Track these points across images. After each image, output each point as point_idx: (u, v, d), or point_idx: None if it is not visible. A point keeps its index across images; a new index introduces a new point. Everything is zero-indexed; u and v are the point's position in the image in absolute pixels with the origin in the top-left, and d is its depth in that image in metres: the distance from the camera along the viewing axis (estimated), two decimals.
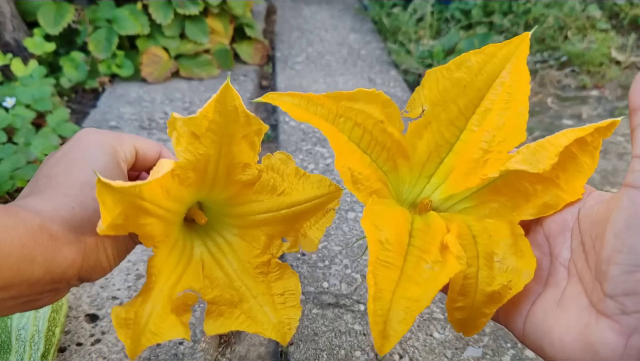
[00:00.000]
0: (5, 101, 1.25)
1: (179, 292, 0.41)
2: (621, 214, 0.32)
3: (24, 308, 0.38)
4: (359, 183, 0.38)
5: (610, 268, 0.31)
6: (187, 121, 0.39)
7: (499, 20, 1.97)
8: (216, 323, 0.43)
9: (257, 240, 0.47)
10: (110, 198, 0.36)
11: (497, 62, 0.40)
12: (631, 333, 0.31)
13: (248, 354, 0.79)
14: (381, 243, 0.34)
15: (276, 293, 0.45)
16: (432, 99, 0.40)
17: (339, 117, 0.39)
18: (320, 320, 0.82)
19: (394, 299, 0.33)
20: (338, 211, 1.09)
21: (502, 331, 0.81)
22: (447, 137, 0.41)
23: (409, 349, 0.78)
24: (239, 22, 1.80)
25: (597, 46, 1.77)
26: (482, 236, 0.39)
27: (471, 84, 0.40)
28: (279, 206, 0.46)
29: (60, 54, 1.57)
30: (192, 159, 0.40)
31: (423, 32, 2.06)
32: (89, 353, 0.75)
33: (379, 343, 0.32)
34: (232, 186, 0.45)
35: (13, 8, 1.51)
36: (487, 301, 0.37)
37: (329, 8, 2.56)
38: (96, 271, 0.40)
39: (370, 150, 0.40)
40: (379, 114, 0.39)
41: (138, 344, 0.38)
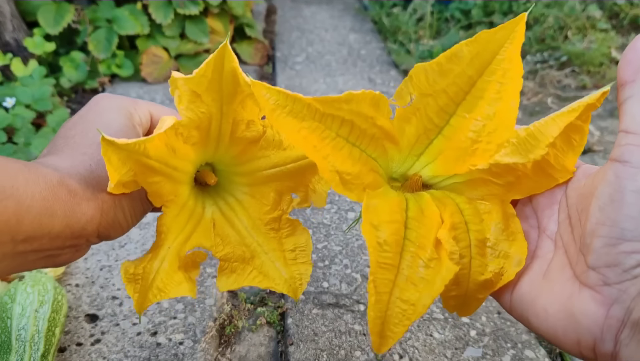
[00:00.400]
0: (5, 101, 1.25)
1: (188, 250, 0.41)
2: (606, 188, 0.32)
3: (46, 263, 0.39)
4: (348, 183, 0.38)
5: (593, 240, 0.32)
6: (187, 80, 0.40)
7: (499, 20, 1.97)
8: (229, 280, 0.43)
9: (266, 197, 0.47)
10: (115, 156, 0.36)
11: (490, 48, 0.38)
12: (612, 303, 0.31)
13: (248, 354, 0.79)
14: (380, 245, 0.34)
15: (287, 249, 0.45)
16: (421, 90, 0.39)
17: (326, 116, 0.37)
18: (320, 320, 0.82)
19: (391, 301, 0.33)
20: (338, 211, 1.09)
21: (502, 331, 0.81)
22: (437, 122, 0.40)
23: (409, 349, 0.78)
24: (239, 22, 1.80)
25: (597, 46, 1.77)
26: (474, 220, 0.38)
27: (462, 72, 0.38)
28: (285, 161, 0.46)
29: (60, 54, 1.57)
30: (194, 117, 0.41)
31: (423, 32, 2.06)
32: (89, 353, 0.75)
33: (377, 342, 0.33)
34: (237, 143, 0.45)
35: (13, 8, 1.51)
36: (480, 288, 0.38)
37: (329, 8, 2.56)
38: (114, 229, 0.41)
39: (360, 142, 0.39)
40: (368, 110, 0.38)
41: (145, 299, 0.39)
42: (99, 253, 0.95)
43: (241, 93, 0.42)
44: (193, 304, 0.84)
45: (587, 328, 0.32)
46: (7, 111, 1.24)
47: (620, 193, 0.31)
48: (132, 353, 0.75)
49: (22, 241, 0.35)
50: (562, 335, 0.34)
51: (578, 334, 0.33)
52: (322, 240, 1.00)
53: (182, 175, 0.43)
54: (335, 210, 1.09)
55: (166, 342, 0.77)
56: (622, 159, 0.32)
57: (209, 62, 0.40)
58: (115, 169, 0.37)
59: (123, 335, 0.78)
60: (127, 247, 0.97)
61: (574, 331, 0.33)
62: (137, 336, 0.78)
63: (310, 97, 0.36)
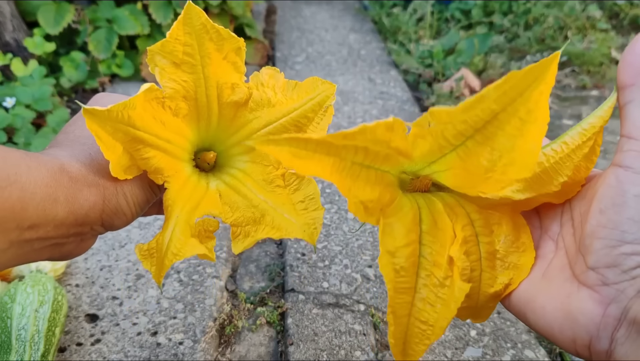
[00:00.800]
0: (5, 101, 1.25)
1: (197, 217, 0.42)
2: (607, 191, 0.33)
3: (51, 253, 0.39)
4: (370, 210, 0.38)
5: (594, 241, 0.33)
6: (162, 48, 0.41)
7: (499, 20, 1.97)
8: (244, 242, 0.43)
9: (267, 158, 0.47)
10: (102, 130, 0.37)
11: (517, 89, 0.36)
12: (609, 302, 0.32)
13: (248, 354, 0.79)
14: (397, 272, 0.35)
15: (297, 201, 0.45)
16: (440, 121, 0.38)
17: (340, 147, 0.36)
18: (320, 320, 0.82)
19: (410, 322, 0.34)
20: (338, 211, 1.09)
21: (502, 331, 0.81)
22: (452, 141, 0.40)
23: None
24: (239, 22, 1.80)
25: (597, 46, 1.77)
26: (485, 232, 0.39)
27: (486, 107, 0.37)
28: (277, 116, 0.46)
29: (60, 54, 1.57)
30: (177, 87, 0.42)
31: (423, 32, 2.06)
32: (89, 353, 0.75)
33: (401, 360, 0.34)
34: (227, 109, 0.46)
35: (13, 8, 1.51)
36: (489, 299, 0.38)
37: (329, 8, 2.56)
38: (118, 216, 0.42)
39: (374, 162, 0.39)
40: (383, 135, 0.38)
41: (162, 267, 0.39)
42: (99, 253, 0.95)
43: (218, 51, 0.43)
44: (193, 304, 0.84)
45: (583, 326, 0.33)
46: (7, 111, 1.24)
47: (622, 197, 0.32)
48: (132, 353, 0.75)
49: (28, 228, 0.35)
50: (558, 332, 0.34)
51: (574, 332, 0.33)
52: (322, 240, 1.00)
53: (179, 150, 0.44)
54: (336, 210, 1.09)
55: (166, 342, 0.77)
56: (625, 164, 0.33)
57: (178, 22, 0.41)
58: (107, 147, 0.38)
59: (123, 335, 0.78)
60: (127, 247, 0.97)
61: (570, 329, 0.33)
62: (137, 336, 0.78)
63: (322, 136, 0.35)
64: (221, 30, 0.43)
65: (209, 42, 0.43)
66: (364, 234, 1.02)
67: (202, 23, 0.42)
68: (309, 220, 0.44)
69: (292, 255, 0.96)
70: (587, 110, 1.57)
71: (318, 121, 0.47)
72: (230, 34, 0.44)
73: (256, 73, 0.47)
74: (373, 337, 0.79)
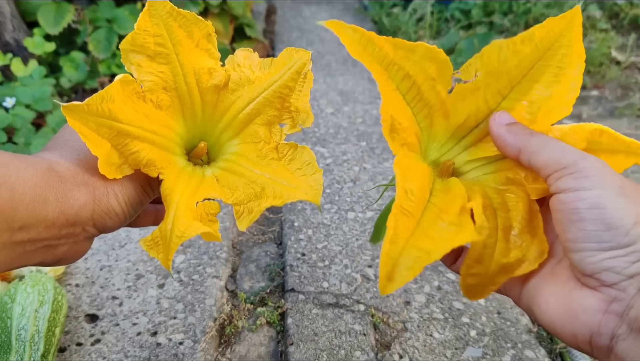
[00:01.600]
0: (5, 101, 1.25)
1: (197, 200, 0.42)
2: (560, 215, 0.35)
3: (44, 255, 0.39)
4: (395, 132, 0.40)
5: (573, 256, 0.35)
6: (132, 41, 0.41)
7: (499, 20, 1.97)
8: (248, 218, 0.43)
9: (256, 135, 0.47)
10: (84, 126, 0.38)
11: (552, 35, 0.40)
12: (612, 301, 0.33)
13: (248, 354, 0.79)
14: (405, 192, 0.36)
15: (295, 169, 0.46)
16: (489, 68, 0.41)
17: (393, 64, 0.40)
18: (320, 320, 0.82)
19: (407, 247, 0.34)
20: (338, 211, 1.09)
21: (502, 331, 0.81)
22: (490, 104, 0.43)
23: (409, 349, 0.78)
24: (239, 22, 1.80)
25: (597, 46, 1.77)
26: (502, 209, 0.40)
27: (529, 54, 0.41)
28: (259, 91, 0.47)
29: (60, 54, 1.57)
30: (156, 79, 0.43)
31: (423, 32, 2.06)
32: (89, 353, 0.75)
33: (384, 283, 0.33)
34: (209, 94, 0.46)
35: (13, 8, 1.51)
36: (500, 271, 0.39)
37: (329, 8, 2.56)
38: (110, 217, 0.41)
39: (414, 103, 0.41)
40: (433, 70, 0.41)
41: (168, 251, 0.39)
42: (99, 253, 0.95)
43: (189, 37, 0.44)
44: (193, 304, 0.84)
45: (584, 322, 0.34)
46: (7, 111, 1.24)
47: (578, 214, 0.34)
48: (132, 353, 0.75)
49: (19, 229, 0.35)
50: (560, 326, 0.35)
51: (574, 327, 0.34)
52: (322, 240, 1.00)
53: (169, 143, 0.44)
54: (335, 210, 1.09)
55: (166, 342, 0.77)
56: (561, 188, 0.35)
57: (143, 14, 0.42)
58: (92, 143, 0.38)
59: (123, 335, 0.78)
60: (127, 247, 0.97)
61: (571, 325, 0.34)
62: (137, 336, 0.78)
63: (383, 38, 0.39)
64: (187, 14, 0.44)
65: (178, 30, 0.43)
66: (363, 234, 1.02)
67: (167, 11, 0.43)
68: (310, 182, 0.44)
69: (292, 255, 0.96)
70: (587, 110, 1.57)
71: (299, 88, 0.47)
72: (196, 18, 0.44)
73: (231, 56, 0.48)
74: (373, 337, 0.79)
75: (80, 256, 0.43)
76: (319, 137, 1.38)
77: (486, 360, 0.76)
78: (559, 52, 0.40)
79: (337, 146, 1.34)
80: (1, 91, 1.28)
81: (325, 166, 1.25)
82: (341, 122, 1.47)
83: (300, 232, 1.02)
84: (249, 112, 0.47)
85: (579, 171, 0.35)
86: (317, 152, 1.31)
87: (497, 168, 0.43)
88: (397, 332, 0.81)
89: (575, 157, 0.36)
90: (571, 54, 0.40)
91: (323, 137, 1.38)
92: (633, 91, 1.65)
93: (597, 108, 1.58)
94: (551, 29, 0.40)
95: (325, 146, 1.34)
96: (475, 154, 0.44)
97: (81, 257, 0.43)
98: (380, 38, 0.39)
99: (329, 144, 1.35)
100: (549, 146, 0.37)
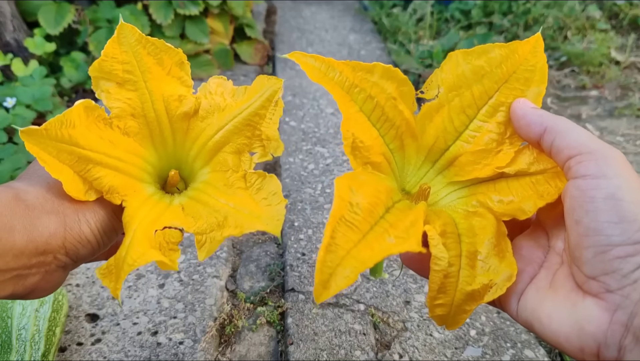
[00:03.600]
0: (5, 101, 1.25)
1: (157, 229, 0.41)
2: (573, 202, 0.34)
3: (15, 286, 0.38)
4: (357, 150, 0.40)
5: (582, 252, 0.33)
6: (99, 67, 0.42)
7: (498, 21, 1.97)
8: (208, 248, 0.42)
9: (225, 163, 0.47)
10: (42, 151, 0.38)
11: (517, 59, 0.41)
12: (615, 309, 0.32)
13: (248, 354, 0.79)
14: (351, 205, 0.35)
15: (260, 199, 0.45)
16: (449, 83, 0.42)
17: (354, 87, 0.40)
18: (320, 320, 0.82)
19: (347, 257, 0.34)
20: None
21: (502, 331, 0.81)
22: (456, 125, 0.43)
23: (408, 349, 0.78)
24: (239, 23, 1.81)
25: (597, 46, 1.77)
26: (468, 234, 0.39)
27: (490, 74, 0.41)
28: (228, 119, 0.47)
29: (60, 54, 1.57)
30: (123, 106, 0.43)
31: (423, 33, 2.06)
32: (90, 353, 0.75)
33: (319, 291, 0.33)
34: (179, 122, 0.46)
35: (14, 8, 1.51)
36: (467, 299, 0.38)
37: (329, 8, 2.56)
38: (82, 245, 0.40)
39: (380, 125, 0.41)
40: (393, 90, 0.41)
41: (118, 279, 0.38)
42: None
43: (159, 64, 0.44)
44: (193, 304, 0.85)
45: (591, 335, 0.32)
46: (7, 111, 1.24)
47: (592, 203, 0.33)
48: (133, 353, 0.75)
49: None
50: (565, 341, 0.34)
51: (581, 340, 0.33)
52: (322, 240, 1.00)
53: (136, 170, 0.44)
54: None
55: (166, 342, 0.77)
56: (580, 174, 0.34)
57: (111, 41, 0.42)
58: (52, 169, 0.38)
59: (123, 335, 0.78)
60: None
61: (577, 338, 0.33)
62: (138, 336, 0.78)
63: (342, 62, 0.40)
64: (157, 42, 0.44)
65: (147, 57, 0.44)
66: None
67: (136, 39, 0.43)
68: (272, 213, 0.44)
69: (292, 255, 0.96)
70: (586, 110, 1.57)
71: (270, 116, 0.47)
72: (166, 45, 0.45)
73: (204, 84, 0.48)
74: (373, 337, 0.80)
75: (54, 287, 0.41)
76: (319, 137, 1.38)
77: (486, 359, 0.76)
78: (523, 75, 0.41)
79: (337, 146, 1.34)
80: (2, 91, 1.28)
81: (325, 165, 1.25)
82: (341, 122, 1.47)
83: (300, 232, 1.02)
84: (218, 140, 0.47)
85: (603, 158, 0.34)
86: (317, 152, 1.31)
87: (470, 192, 0.43)
88: (397, 332, 0.81)
89: (602, 145, 0.35)
90: (533, 78, 0.41)
91: (323, 137, 1.39)
92: (632, 91, 1.65)
93: (596, 108, 1.58)
94: (515, 50, 0.41)
95: (325, 146, 1.34)
96: (449, 178, 0.44)
97: (56, 289, 0.41)
98: (339, 63, 0.40)
99: (329, 144, 1.35)
100: (577, 129, 0.36)
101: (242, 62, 1.78)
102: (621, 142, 1.38)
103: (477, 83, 0.41)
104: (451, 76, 0.41)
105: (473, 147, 0.42)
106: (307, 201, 1.11)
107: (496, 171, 0.41)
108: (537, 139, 0.38)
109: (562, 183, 0.38)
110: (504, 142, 0.42)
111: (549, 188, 0.39)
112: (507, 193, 0.41)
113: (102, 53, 0.42)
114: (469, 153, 0.43)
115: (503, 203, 0.41)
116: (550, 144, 0.37)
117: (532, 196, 0.40)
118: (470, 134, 0.42)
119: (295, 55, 0.40)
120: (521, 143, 0.41)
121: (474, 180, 0.43)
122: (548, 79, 1.78)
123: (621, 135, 1.41)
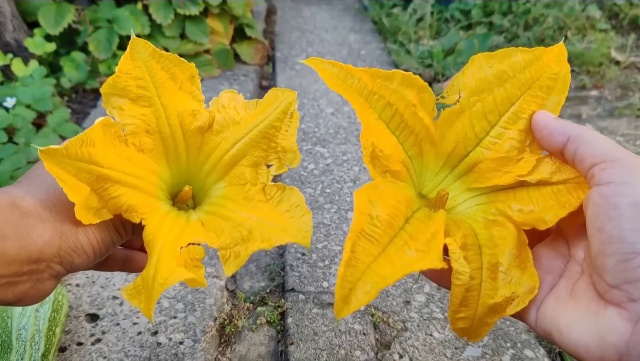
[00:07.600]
0: (5, 101, 1.25)
1: (181, 246, 0.40)
2: (596, 209, 0.34)
3: (4, 293, 0.37)
4: (377, 159, 0.39)
5: (605, 260, 0.33)
6: (114, 84, 0.41)
7: (498, 21, 1.97)
8: (235, 262, 0.42)
9: (243, 177, 0.47)
10: (62, 170, 0.36)
11: (540, 65, 0.40)
12: (639, 319, 0.31)
13: (248, 354, 0.79)
14: (370, 218, 0.35)
15: (283, 211, 0.44)
16: (471, 87, 0.41)
17: (373, 94, 0.39)
18: (320, 320, 0.82)
19: (367, 272, 0.33)
20: (338, 211, 1.09)
21: (502, 331, 0.81)
22: (477, 131, 0.42)
23: (408, 349, 0.78)
24: (239, 23, 1.80)
25: (597, 46, 1.77)
26: (488, 245, 0.39)
27: (513, 79, 0.40)
28: (245, 132, 0.47)
29: (60, 54, 1.57)
30: (138, 122, 0.42)
31: (423, 33, 2.06)
32: (90, 353, 0.75)
33: (340, 306, 0.33)
34: (193, 137, 0.46)
35: (13, 8, 1.51)
36: (489, 312, 0.38)
37: (329, 8, 2.56)
38: (78, 255, 0.39)
39: (399, 132, 0.41)
40: (412, 97, 0.40)
41: (151, 299, 0.37)
42: None
43: (172, 79, 0.44)
44: (193, 304, 0.85)
45: (612, 345, 0.32)
46: (7, 111, 1.24)
47: (616, 210, 0.32)
48: (133, 353, 0.75)
49: None
50: (584, 351, 0.33)
51: (602, 350, 0.32)
52: (322, 240, 1.00)
53: (151, 187, 0.43)
54: (335, 210, 1.09)
55: (166, 342, 0.77)
56: (604, 181, 0.34)
57: (125, 57, 0.41)
58: (71, 189, 0.37)
59: (123, 335, 0.78)
60: None
61: (598, 348, 0.33)
62: (138, 336, 0.78)
63: (360, 69, 0.39)
64: (170, 57, 0.43)
65: (161, 72, 0.43)
66: None
67: (149, 54, 0.42)
68: (299, 225, 0.43)
69: (292, 255, 0.96)
70: (586, 110, 1.57)
71: (286, 128, 0.47)
72: (180, 60, 0.44)
73: (215, 98, 0.48)
74: (373, 337, 0.80)
75: (43, 296, 0.40)
76: (319, 137, 1.38)
77: (486, 359, 0.76)
78: (546, 83, 0.41)
79: (337, 146, 1.34)
80: (2, 91, 1.28)
81: (325, 165, 1.25)
82: (341, 122, 1.47)
83: None
84: (235, 154, 0.46)
85: (627, 166, 0.34)
86: (317, 152, 1.31)
87: (489, 200, 0.43)
88: (397, 332, 0.81)
89: (626, 153, 0.35)
90: (555, 86, 0.41)
91: (323, 137, 1.39)
92: (632, 91, 1.65)
93: (596, 108, 1.58)
94: (540, 57, 0.40)
95: (325, 146, 1.34)
96: (468, 184, 0.44)
97: (44, 298, 0.40)
98: (358, 70, 0.39)
99: (329, 144, 1.35)
100: (601, 138, 0.37)
101: (242, 62, 1.78)
102: (621, 143, 1.38)
103: (499, 88, 0.40)
104: (473, 80, 0.41)
105: (494, 154, 0.42)
106: (307, 201, 1.11)
107: (517, 179, 0.41)
108: (560, 148, 0.38)
109: (584, 193, 0.38)
110: (524, 150, 0.41)
111: (571, 199, 0.38)
112: (527, 202, 0.40)
113: (117, 69, 0.41)
114: (490, 160, 0.42)
115: (523, 212, 0.40)
116: (574, 153, 0.37)
117: (553, 206, 0.39)
118: (491, 140, 0.42)
119: (314, 62, 0.39)
120: (541, 152, 0.41)
121: (493, 187, 0.42)
122: None
123: (621, 135, 1.41)
